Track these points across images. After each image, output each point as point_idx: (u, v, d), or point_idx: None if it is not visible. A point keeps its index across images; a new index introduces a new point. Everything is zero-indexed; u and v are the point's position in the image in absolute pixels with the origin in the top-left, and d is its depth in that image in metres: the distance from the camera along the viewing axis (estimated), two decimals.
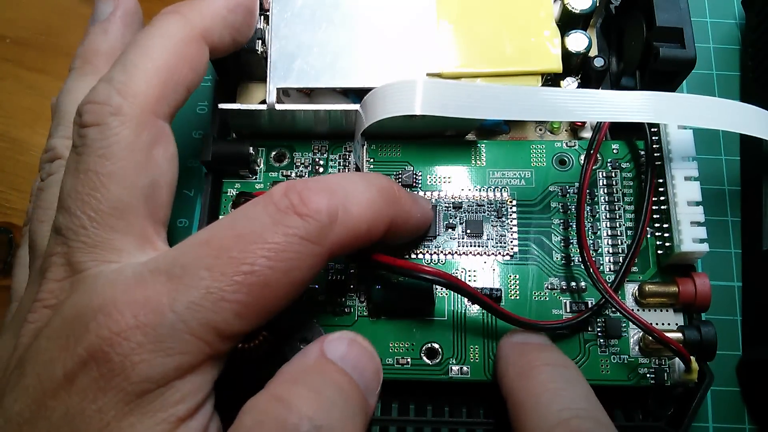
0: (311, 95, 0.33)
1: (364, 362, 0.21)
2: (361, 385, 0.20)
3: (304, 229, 0.20)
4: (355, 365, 0.20)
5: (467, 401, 0.30)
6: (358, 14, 0.32)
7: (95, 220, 0.21)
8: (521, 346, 0.27)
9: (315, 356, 0.20)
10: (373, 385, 0.21)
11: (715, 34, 0.41)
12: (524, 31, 0.31)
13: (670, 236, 0.29)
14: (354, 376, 0.20)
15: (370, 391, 0.20)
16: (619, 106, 0.27)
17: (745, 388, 0.33)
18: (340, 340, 0.21)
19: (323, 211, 0.21)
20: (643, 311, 0.30)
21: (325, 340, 0.21)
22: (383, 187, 0.24)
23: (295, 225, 0.20)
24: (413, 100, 0.27)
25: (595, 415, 0.22)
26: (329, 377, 0.20)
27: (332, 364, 0.20)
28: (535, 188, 0.31)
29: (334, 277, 0.30)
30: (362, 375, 0.20)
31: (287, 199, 0.20)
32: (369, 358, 0.21)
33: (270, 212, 0.20)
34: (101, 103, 0.22)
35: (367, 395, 0.20)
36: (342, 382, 0.20)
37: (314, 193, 0.21)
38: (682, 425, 0.28)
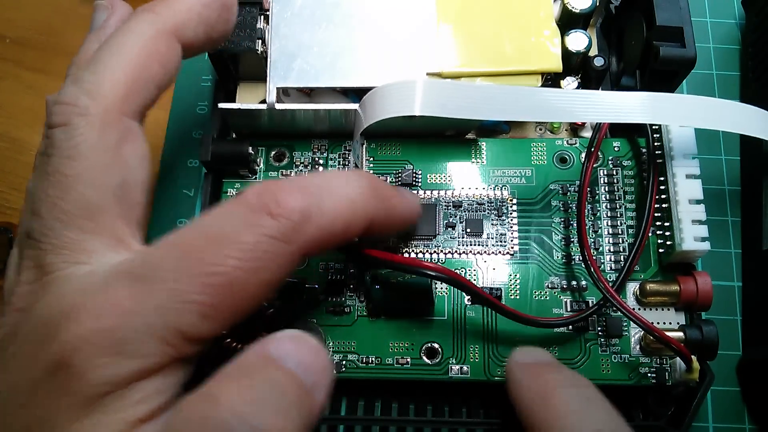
0: (311, 95, 0.33)
1: (309, 359, 0.20)
2: (306, 381, 0.19)
3: (276, 228, 0.20)
4: (299, 361, 0.19)
5: (467, 401, 0.30)
6: (357, 14, 0.32)
7: (64, 221, 0.21)
8: (532, 368, 0.26)
9: (255, 354, 0.19)
10: (320, 381, 0.19)
11: (715, 33, 0.41)
12: (524, 31, 0.31)
13: (671, 234, 0.29)
14: (297, 372, 0.19)
15: (316, 388, 0.19)
16: (619, 106, 0.27)
17: (745, 387, 0.33)
18: (282, 338, 0.20)
19: (296, 210, 0.20)
20: (644, 310, 0.30)
21: (267, 339, 0.20)
22: (362, 183, 0.23)
23: (267, 225, 0.20)
24: (413, 100, 0.27)
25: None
26: (265, 373, 0.19)
27: (272, 360, 0.19)
28: (536, 186, 0.31)
29: (333, 277, 0.30)
30: (306, 370, 0.19)
31: (260, 200, 0.20)
32: (314, 354, 0.20)
33: (241, 212, 0.20)
34: (68, 103, 0.22)
35: (313, 391, 0.19)
36: (279, 377, 0.19)
37: (287, 193, 0.21)
38: (683, 425, 0.28)
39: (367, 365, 0.29)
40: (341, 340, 0.29)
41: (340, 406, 0.30)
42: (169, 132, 0.39)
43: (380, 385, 0.30)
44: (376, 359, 0.29)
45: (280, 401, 0.18)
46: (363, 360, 0.29)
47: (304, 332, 0.20)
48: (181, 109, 0.40)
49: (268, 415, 0.18)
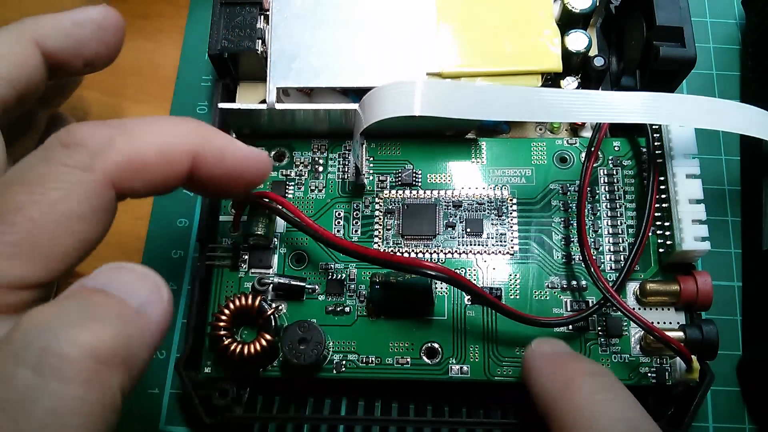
0: (311, 95, 0.33)
1: (134, 282, 0.19)
2: (129, 300, 0.18)
3: (70, 156, 0.20)
4: (123, 287, 0.19)
5: (467, 401, 0.30)
6: (357, 14, 0.32)
7: None
8: (553, 357, 0.26)
9: (79, 286, 0.19)
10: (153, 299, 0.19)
11: (715, 33, 0.41)
12: (524, 31, 0.31)
13: (671, 234, 0.29)
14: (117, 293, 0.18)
15: (145, 304, 0.19)
16: (619, 107, 0.27)
17: (745, 387, 0.33)
18: (103, 270, 0.19)
19: (93, 137, 0.20)
20: (644, 310, 0.30)
21: (92, 273, 0.19)
22: (182, 119, 0.23)
23: (60, 155, 0.20)
24: (413, 100, 0.27)
25: (646, 423, 0.23)
26: (78, 296, 0.18)
27: (88, 288, 0.19)
28: (536, 186, 0.31)
29: (333, 276, 0.30)
30: (130, 292, 0.19)
31: (56, 138, 0.20)
32: (141, 277, 0.19)
33: (38, 154, 0.20)
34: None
35: (143, 307, 0.19)
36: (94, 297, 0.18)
37: (85, 125, 0.21)
38: (683, 425, 0.28)
39: (367, 365, 0.29)
40: (341, 340, 0.29)
41: (340, 406, 0.30)
42: None
43: (380, 385, 0.30)
44: (376, 359, 0.29)
45: (91, 313, 0.18)
46: (363, 360, 0.29)
47: (127, 263, 0.20)
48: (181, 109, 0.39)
49: (74, 324, 0.17)
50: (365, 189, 0.32)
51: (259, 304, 0.29)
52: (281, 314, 0.30)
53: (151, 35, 0.41)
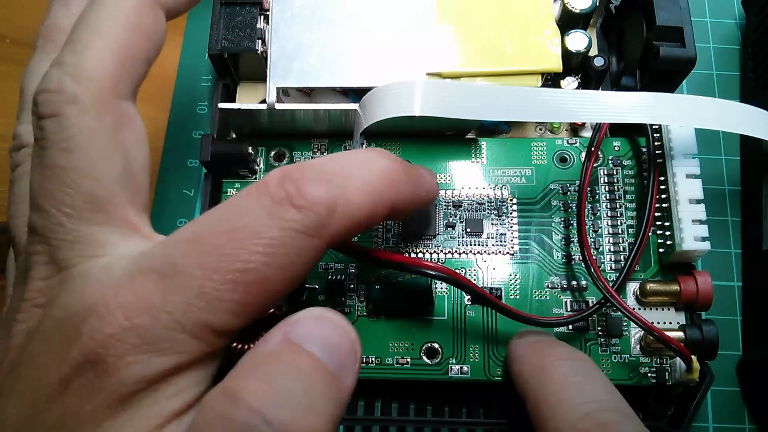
0: (311, 95, 0.33)
1: (335, 339, 0.19)
2: (331, 365, 0.18)
3: (302, 222, 0.19)
4: (325, 343, 0.18)
5: (467, 401, 0.30)
6: (358, 14, 0.32)
7: (72, 216, 0.20)
8: (533, 344, 0.27)
9: (276, 341, 0.18)
10: (348, 361, 0.19)
11: (715, 33, 0.41)
12: (524, 31, 0.31)
13: (671, 234, 0.29)
14: (322, 356, 0.18)
15: (344, 370, 0.18)
16: (619, 107, 0.27)
17: (745, 388, 0.33)
18: (305, 319, 0.19)
19: (322, 202, 0.19)
20: (644, 310, 0.30)
21: (288, 320, 0.19)
22: (385, 169, 0.22)
23: (292, 218, 0.19)
24: (413, 100, 0.27)
25: (618, 406, 0.22)
26: (288, 362, 0.18)
27: (294, 346, 0.18)
28: (536, 186, 0.31)
29: (333, 276, 0.30)
30: (333, 353, 0.18)
31: (283, 189, 0.19)
32: (341, 333, 0.19)
33: (265, 204, 0.19)
34: (55, 91, 0.21)
35: (341, 374, 0.18)
36: (303, 365, 0.18)
37: (312, 182, 0.20)
38: (683, 425, 0.28)
39: (367, 365, 0.29)
40: None
41: None
42: (169, 132, 0.39)
43: (380, 385, 0.30)
44: (376, 359, 0.29)
45: (305, 392, 0.17)
46: (363, 360, 0.29)
47: (328, 309, 0.19)
48: (181, 109, 0.40)
49: (291, 409, 0.17)
50: None
51: None
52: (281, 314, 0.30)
53: None
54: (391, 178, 0.22)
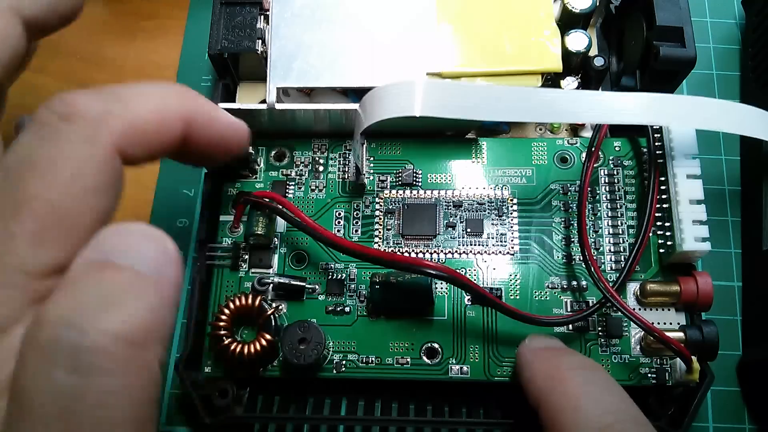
0: (311, 95, 0.33)
1: (135, 243, 0.18)
2: (144, 268, 0.18)
3: (72, 131, 0.19)
4: (128, 251, 0.18)
5: (467, 401, 0.30)
6: (358, 14, 0.32)
7: None
8: (545, 352, 0.26)
9: (80, 263, 0.18)
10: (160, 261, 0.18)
11: (715, 33, 0.41)
12: (524, 31, 0.31)
13: (671, 235, 0.29)
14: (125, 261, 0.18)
15: (157, 268, 0.18)
16: (619, 107, 0.27)
17: (745, 388, 0.33)
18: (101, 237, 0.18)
19: (91, 109, 0.19)
20: (645, 310, 0.29)
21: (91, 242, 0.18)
22: (174, 86, 0.23)
23: (61, 130, 0.19)
24: (413, 101, 0.27)
25: (635, 416, 0.23)
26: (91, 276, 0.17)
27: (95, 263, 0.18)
28: (537, 186, 0.31)
29: (333, 276, 0.30)
30: (138, 257, 0.18)
31: (49, 110, 0.19)
32: (141, 236, 0.18)
33: (34, 131, 0.19)
34: None
35: (155, 273, 0.18)
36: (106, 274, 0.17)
37: (78, 95, 0.20)
38: (683, 425, 0.28)
39: (367, 365, 0.29)
40: (341, 340, 0.29)
41: (340, 406, 0.30)
42: None
43: (380, 385, 0.30)
44: (376, 359, 0.29)
45: (109, 296, 0.17)
46: (363, 360, 0.29)
47: (128, 222, 0.19)
48: None
49: (96, 312, 0.16)
50: (365, 189, 0.32)
51: (259, 304, 0.29)
52: (281, 314, 0.30)
53: (151, 35, 0.41)
54: (182, 90, 0.23)
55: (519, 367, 0.27)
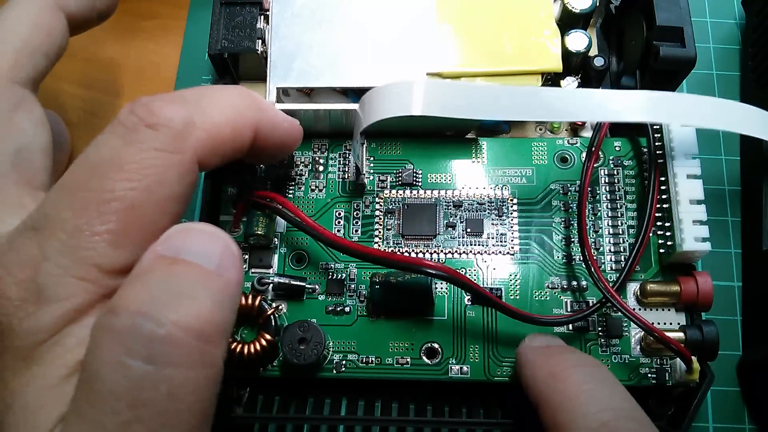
0: (311, 95, 0.33)
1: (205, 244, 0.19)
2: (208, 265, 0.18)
3: (158, 140, 0.20)
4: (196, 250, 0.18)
5: (467, 401, 0.30)
6: (357, 14, 0.32)
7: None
8: (545, 350, 0.26)
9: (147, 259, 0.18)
10: (226, 259, 0.19)
11: (715, 33, 0.41)
12: (524, 31, 0.31)
13: (672, 235, 0.29)
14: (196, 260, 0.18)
15: (223, 267, 0.19)
16: (619, 106, 0.27)
17: (745, 388, 0.33)
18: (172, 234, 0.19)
19: (176, 117, 0.20)
20: (645, 310, 0.29)
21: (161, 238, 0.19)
22: (242, 91, 0.23)
23: (147, 138, 0.19)
24: (412, 101, 0.27)
25: (635, 414, 0.22)
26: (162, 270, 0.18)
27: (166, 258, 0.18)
28: (537, 186, 0.31)
29: (333, 276, 0.30)
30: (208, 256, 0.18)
31: (134, 115, 0.20)
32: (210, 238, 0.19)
33: (119, 133, 0.20)
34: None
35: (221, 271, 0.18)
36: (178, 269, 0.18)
37: (164, 102, 0.20)
38: (683, 425, 0.28)
39: (367, 365, 0.29)
40: (341, 340, 0.29)
41: (340, 406, 0.30)
42: None
43: (380, 385, 0.30)
44: (376, 359, 0.29)
45: (185, 288, 0.18)
46: (363, 360, 0.29)
47: (194, 222, 0.20)
48: None
49: (175, 304, 0.17)
50: (365, 189, 0.32)
51: (259, 303, 0.29)
52: (281, 314, 0.30)
53: (151, 35, 0.41)
54: (251, 98, 0.23)
55: (519, 365, 0.27)
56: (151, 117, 0.20)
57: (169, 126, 0.20)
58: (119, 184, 0.19)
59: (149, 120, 0.20)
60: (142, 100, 0.20)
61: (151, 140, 0.20)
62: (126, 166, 0.19)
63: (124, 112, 0.20)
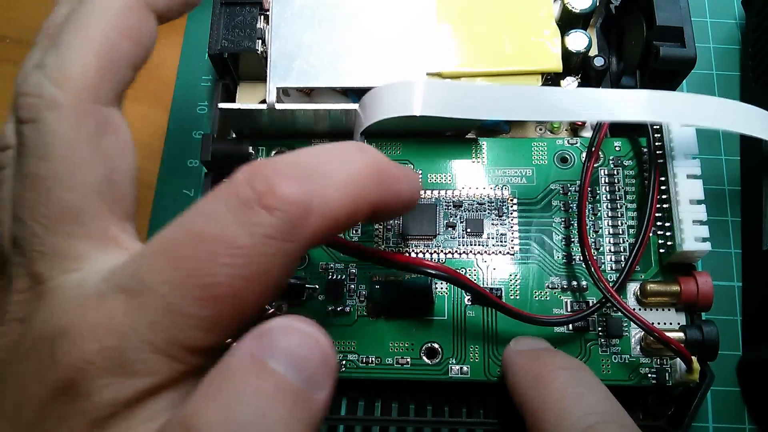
0: (311, 95, 0.33)
1: (304, 351, 0.17)
2: (300, 381, 0.17)
3: (273, 226, 0.17)
4: (292, 357, 0.17)
5: (467, 401, 0.30)
6: (357, 14, 0.32)
7: (47, 227, 0.19)
8: (529, 353, 0.26)
9: (239, 358, 0.17)
10: (319, 374, 0.17)
11: (715, 33, 0.41)
12: (524, 31, 0.31)
13: (672, 235, 0.29)
14: (288, 373, 0.17)
15: (315, 384, 0.17)
16: (619, 105, 0.27)
17: (745, 388, 0.33)
18: (272, 331, 0.17)
19: (295, 201, 0.18)
20: (645, 310, 0.29)
21: (255, 333, 0.17)
22: (368, 163, 0.20)
23: (262, 222, 0.17)
24: (413, 100, 0.27)
25: (618, 417, 0.22)
26: (249, 385, 0.16)
27: (258, 364, 0.17)
28: (537, 186, 0.31)
29: (333, 276, 0.30)
30: (301, 368, 0.17)
31: (251, 188, 0.17)
32: (311, 344, 0.17)
33: (232, 207, 0.17)
34: (34, 95, 0.20)
35: (312, 390, 0.17)
36: (266, 387, 0.16)
37: (285, 178, 0.18)
38: (683, 425, 0.28)
39: (367, 365, 0.29)
40: (341, 340, 0.29)
41: (340, 406, 0.30)
42: (169, 132, 0.39)
43: (380, 385, 0.30)
44: (376, 359, 0.29)
45: (269, 417, 0.16)
46: (363, 360, 0.29)
47: (296, 317, 0.18)
48: (181, 109, 0.40)
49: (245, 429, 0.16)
50: None
51: None
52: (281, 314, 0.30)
53: None
54: (375, 172, 0.20)
55: (504, 368, 0.27)
56: (269, 197, 0.17)
57: (287, 211, 0.17)
58: (223, 269, 0.17)
59: (266, 200, 0.17)
60: (260, 169, 0.18)
61: (265, 226, 0.17)
62: (233, 250, 0.17)
63: (241, 179, 0.18)
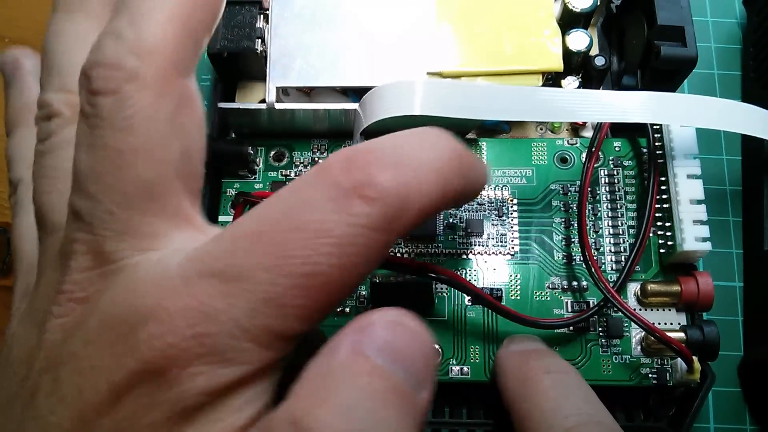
0: (311, 94, 0.33)
1: (412, 350, 0.16)
2: (408, 382, 0.16)
3: (371, 217, 0.17)
4: (400, 356, 0.16)
5: (467, 401, 0.30)
6: (357, 14, 0.32)
7: (123, 204, 0.18)
8: (519, 355, 0.26)
9: (345, 352, 0.16)
10: (423, 374, 0.16)
11: (716, 33, 0.41)
12: (525, 30, 0.31)
13: (672, 235, 0.29)
14: (398, 373, 0.16)
15: (420, 384, 0.16)
16: (620, 106, 0.27)
17: (746, 388, 0.33)
18: (377, 326, 0.17)
19: (393, 193, 0.17)
20: (645, 311, 0.29)
21: (358, 325, 0.17)
22: (451, 150, 0.19)
23: (361, 212, 0.17)
24: (413, 100, 0.27)
25: (600, 418, 0.22)
26: (361, 384, 0.16)
27: (365, 361, 0.16)
28: (537, 186, 0.31)
29: None
30: (409, 368, 0.16)
31: (351, 177, 0.17)
32: (415, 342, 0.17)
33: (330, 195, 0.17)
34: (112, 66, 0.19)
35: (417, 389, 0.16)
36: (378, 387, 0.16)
37: (381, 169, 0.17)
38: (684, 425, 0.28)
39: None
40: None
41: None
42: None
43: None
44: None
45: (384, 421, 0.15)
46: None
47: (401, 311, 0.17)
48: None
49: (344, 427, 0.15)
50: None
51: None
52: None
53: None
54: (457, 162, 0.20)
55: (496, 373, 0.27)
56: (368, 188, 0.17)
57: (385, 203, 0.17)
58: (322, 258, 0.16)
59: (365, 191, 0.17)
60: (358, 156, 0.17)
61: (364, 217, 0.17)
62: (333, 240, 0.17)
63: (338, 166, 0.17)
